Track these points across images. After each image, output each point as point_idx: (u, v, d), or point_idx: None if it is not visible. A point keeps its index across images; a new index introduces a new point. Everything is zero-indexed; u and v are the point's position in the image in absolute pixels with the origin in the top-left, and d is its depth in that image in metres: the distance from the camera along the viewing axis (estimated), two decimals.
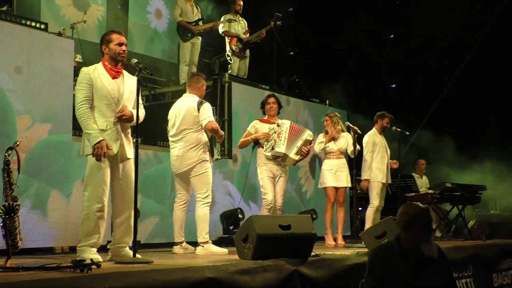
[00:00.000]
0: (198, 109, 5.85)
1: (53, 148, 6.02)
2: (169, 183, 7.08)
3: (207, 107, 5.89)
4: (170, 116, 6.08)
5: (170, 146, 6.06)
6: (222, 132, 5.97)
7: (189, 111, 5.89)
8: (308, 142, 6.91)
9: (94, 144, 4.60)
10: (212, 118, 5.87)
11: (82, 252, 4.58)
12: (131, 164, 4.88)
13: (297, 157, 6.83)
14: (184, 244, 6.03)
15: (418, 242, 3.58)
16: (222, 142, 6.17)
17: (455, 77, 11.82)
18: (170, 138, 6.07)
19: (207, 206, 5.87)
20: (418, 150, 10.98)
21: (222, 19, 9.46)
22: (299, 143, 6.82)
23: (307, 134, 6.91)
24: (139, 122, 4.91)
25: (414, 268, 3.64)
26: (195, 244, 5.95)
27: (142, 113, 5.03)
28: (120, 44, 4.87)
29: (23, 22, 5.92)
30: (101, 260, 4.38)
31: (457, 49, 11.38)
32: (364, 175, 8.02)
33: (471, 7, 10.68)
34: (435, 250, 3.62)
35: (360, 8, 12.02)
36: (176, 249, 6.01)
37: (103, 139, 4.64)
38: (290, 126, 6.81)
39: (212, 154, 6.02)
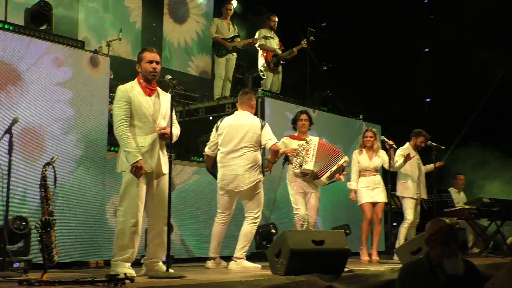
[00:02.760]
0: (261, 129, 5.92)
1: (87, 163, 6.12)
2: None
3: (269, 128, 6.00)
4: (226, 132, 5.96)
5: (223, 163, 5.94)
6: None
7: (252, 129, 5.92)
8: (342, 168, 6.79)
9: (133, 163, 4.64)
10: (276, 140, 5.98)
11: (116, 266, 4.63)
12: (166, 179, 4.88)
13: (328, 182, 6.78)
14: (217, 259, 6.02)
15: (441, 259, 3.49)
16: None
17: (492, 90, 11.62)
18: (221, 154, 5.95)
19: (256, 225, 5.95)
20: (456, 165, 10.78)
21: (257, 34, 9.49)
22: (334, 168, 6.70)
23: (343, 161, 6.77)
24: (175, 140, 4.90)
25: (444, 285, 3.54)
26: (228, 259, 5.95)
27: (177, 130, 5.04)
28: (151, 62, 4.87)
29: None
30: (134, 274, 4.43)
31: (493, 61, 11.20)
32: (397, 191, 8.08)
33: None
34: (460, 268, 3.50)
35: (395, 22, 11.95)
36: (210, 264, 5.99)
37: (141, 158, 4.68)
38: (319, 143, 6.72)
39: (263, 174, 6.09)
